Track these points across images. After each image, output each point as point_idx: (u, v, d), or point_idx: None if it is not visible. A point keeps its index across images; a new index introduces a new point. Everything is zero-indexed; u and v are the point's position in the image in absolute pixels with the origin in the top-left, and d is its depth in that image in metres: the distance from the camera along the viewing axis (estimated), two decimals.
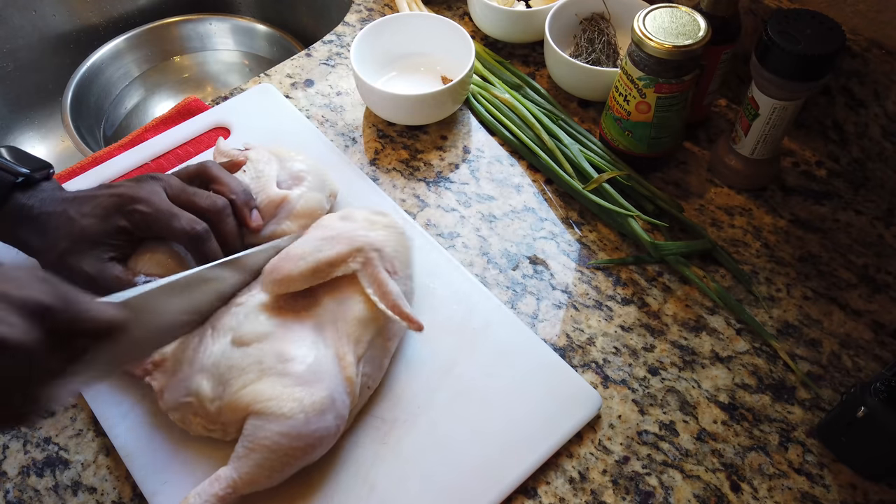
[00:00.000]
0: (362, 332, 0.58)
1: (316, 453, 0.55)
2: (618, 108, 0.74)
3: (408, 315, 0.57)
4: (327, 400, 0.53)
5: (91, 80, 1.07)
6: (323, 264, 0.57)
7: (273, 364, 0.54)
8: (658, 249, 0.70)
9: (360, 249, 0.58)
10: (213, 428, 0.56)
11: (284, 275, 0.57)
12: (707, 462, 0.60)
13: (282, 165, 0.68)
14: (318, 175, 0.69)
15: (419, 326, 0.57)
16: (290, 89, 0.86)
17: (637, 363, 0.65)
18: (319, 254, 0.58)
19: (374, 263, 0.58)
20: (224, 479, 0.52)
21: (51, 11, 1.08)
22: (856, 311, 0.68)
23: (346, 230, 0.60)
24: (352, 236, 0.59)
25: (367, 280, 0.58)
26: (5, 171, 0.60)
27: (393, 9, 0.95)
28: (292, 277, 0.57)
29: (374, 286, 0.57)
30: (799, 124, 0.79)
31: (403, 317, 0.57)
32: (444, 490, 0.56)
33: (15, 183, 0.60)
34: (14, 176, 0.60)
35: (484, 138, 0.82)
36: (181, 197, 0.61)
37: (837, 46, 0.64)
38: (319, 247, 0.58)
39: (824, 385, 0.64)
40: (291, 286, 0.58)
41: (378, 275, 0.57)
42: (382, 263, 0.58)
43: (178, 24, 1.15)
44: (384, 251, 0.59)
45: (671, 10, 0.69)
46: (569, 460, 0.60)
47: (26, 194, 0.61)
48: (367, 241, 0.59)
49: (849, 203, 0.76)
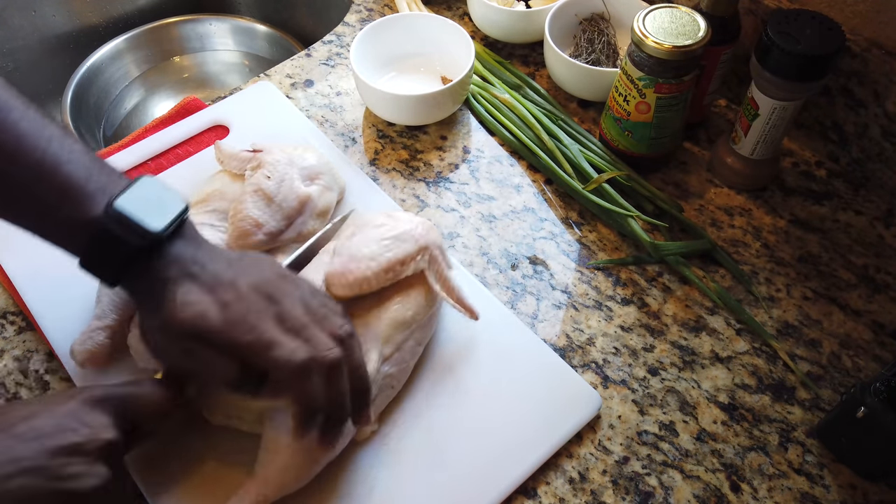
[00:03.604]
0: (394, 333, 0.58)
1: (338, 446, 0.55)
2: (618, 109, 0.74)
3: (469, 306, 0.61)
4: None
5: (91, 80, 1.07)
6: (395, 263, 0.58)
7: None
8: (658, 250, 0.70)
9: (426, 248, 0.60)
10: (231, 414, 0.56)
11: (359, 276, 0.57)
12: (707, 462, 0.60)
13: (293, 163, 0.68)
14: (329, 170, 0.70)
15: (477, 316, 0.62)
16: (290, 89, 0.86)
17: (637, 363, 0.65)
18: (389, 253, 0.58)
19: (438, 261, 0.61)
20: (253, 491, 0.52)
21: (51, 12, 1.08)
22: (856, 311, 0.68)
23: (405, 229, 0.60)
24: (415, 236, 0.60)
25: (433, 277, 0.60)
26: (128, 230, 0.47)
27: (393, 9, 0.95)
28: (367, 278, 0.57)
29: (440, 282, 0.61)
30: (799, 124, 0.79)
31: (467, 308, 0.61)
32: (443, 491, 0.56)
33: (140, 249, 0.48)
34: (140, 237, 0.48)
35: (484, 138, 0.82)
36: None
37: (837, 46, 0.64)
38: (386, 246, 0.59)
39: (824, 385, 0.64)
40: (365, 287, 0.58)
41: (444, 272, 0.61)
42: (443, 260, 0.62)
43: (178, 24, 1.15)
44: (442, 249, 0.62)
45: (671, 10, 0.69)
46: (569, 460, 0.60)
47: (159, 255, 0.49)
48: (430, 240, 0.61)
49: (849, 203, 0.76)
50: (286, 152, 0.68)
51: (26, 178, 0.49)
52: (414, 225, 0.61)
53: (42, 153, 0.49)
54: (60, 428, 0.44)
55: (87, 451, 0.45)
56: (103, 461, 0.45)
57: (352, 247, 0.59)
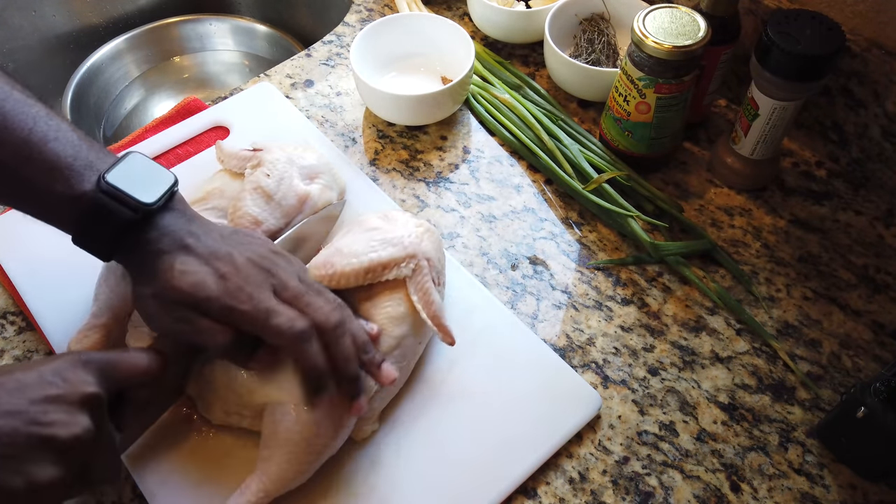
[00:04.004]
0: (393, 327, 0.58)
1: (339, 440, 0.55)
2: (618, 109, 0.74)
3: (446, 328, 0.58)
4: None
5: (91, 80, 1.07)
6: (376, 265, 0.58)
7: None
8: (658, 250, 0.70)
9: (413, 256, 0.59)
10: (230, 411, 0.56)
11: (338, 271, 0.57)
12: (707, 462, 0.60)
13: (293, 161, 0.68)
14: (329, 170, 0.70)
15: (453, 341, 0.59)
16: (290, 90, 0.86)
17: (637, 363, 0.65)
18: (373, 254, 0.58)
19: (423, 272, 0.59)
20: (254, 486, 0.52)
21: (51, 12, 1.08)
22: (856, 311, 0.68)
23: (397, 234, 0.60)
24: (405, 242, 0.59)
25: (414, 287, 0.59)
26: (119, 203, 0.49)
27: (393, 9, 0.95)
28: (346, 274, 0.57)
29: (419, 294, 0.58)
30: (799, 124, 0.79)
31: (441, 328, 0.58)
32: (443, 490, 0.56)
33: (135, 219, 0.49)
34: (133, 210, 0.49)
35: (484, 138, 0.82)
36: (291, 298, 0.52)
37: (837, 46, 0.64)
38: (373, 247, 0.58)
39: (824, 385, 0.64)
40: (343, 282, 0.57)
41: (425, 284, 0.59)
42: (431, 273, 0.60)
43: (178, 24, 1.15)
44: (432, 261, 0.60)
45: (671, 10, 0.69)
46: (569, 461, 0.60)
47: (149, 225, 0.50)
48: (419, 248, 0.59)
49: (849, 203, 0.76)
50: (286, 151, 0.68)
51: (14, 158, 0.49)
52: (408, 231, 0.60)
53: (28, 132, 0.49)
54: (43, 381, 0.44)
55: (67, 401, 0.44)
56: (86, 413, 0.45)
57: (343, 242, 0.60)
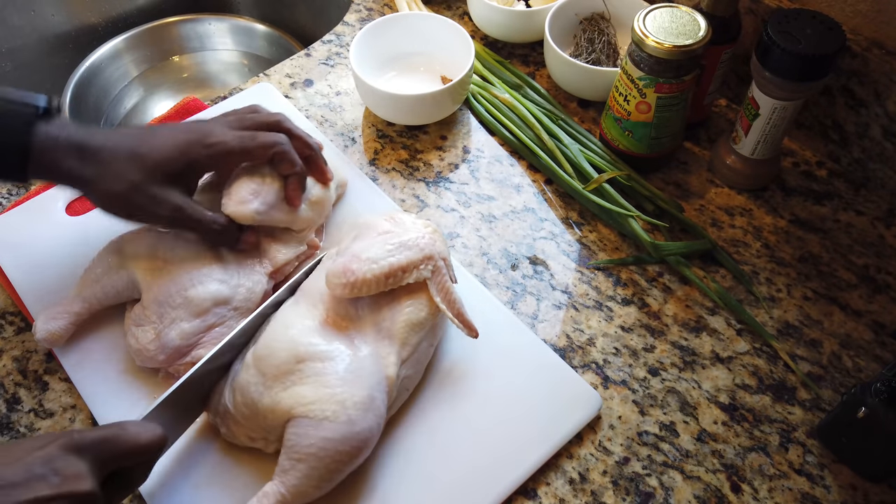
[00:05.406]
0: (411, 335, 0.58)
1: (362, 455, 0.54)
2: (618, 108, 0.74)
3: (470, 323, 0.59)
4: (367, 399, 0.53)
5: (90, 80, 1.07)
6: (396, 269, 0.57)
7: (312, 365, 0.54)
8: (658, 250, 0.70)
9: (431, 257, 0.59)
10: (254, 436, 0.55)
11: (359, 278, 0.56)
12: (707, 463, 0.60)
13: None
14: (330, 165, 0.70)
15: (476, 333, 0.59)
16: (290, 89, 0.86)
17: (637, 364, 0.65)
18: (392, 258, 0.57)
19: (442, 272, 0.60)
20: (272, 496, 0.51)
21: (50, 11, 1.08)
22: (856, 311, 0.68)
23: (411, 236, 0.60)
24: (420, 244, 0.59)
25: (435, 288, 0.59)
26: (23, 105, 0.56)
27: (393, 9, 0.95)
28: (367, 280, 0.56)
29: (441, 294, 0.59)
30: (799, 124, 0.79)
31: (466, 324, 0.59)
32: (444, 491, 0.56)
33: (38, 115, 0.56)
34: (34, 108, 0.56)
35: (484, 138, 0.82)
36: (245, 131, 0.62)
37: (837, 46, 0.64)
38: (390, 251, 0.58)
39: (824, 385, 0.64)
40: (364, 290, 0.57)
41: (446, 284, 0.60)
42: (449, 272, 0.60)
43: (177, 23, 1.14)
44: (447, 260, 0.61)
45: (671, 9, 0.68)
46: (569, 461, 0.60)
47: (53, 125, 0.56)
48: (435, 249, 0.60)
49: (849, 203, 0.76)
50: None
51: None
52: (421, 233, 0.60)
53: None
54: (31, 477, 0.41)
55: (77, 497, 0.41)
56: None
57: (355, 249, 0.59)
